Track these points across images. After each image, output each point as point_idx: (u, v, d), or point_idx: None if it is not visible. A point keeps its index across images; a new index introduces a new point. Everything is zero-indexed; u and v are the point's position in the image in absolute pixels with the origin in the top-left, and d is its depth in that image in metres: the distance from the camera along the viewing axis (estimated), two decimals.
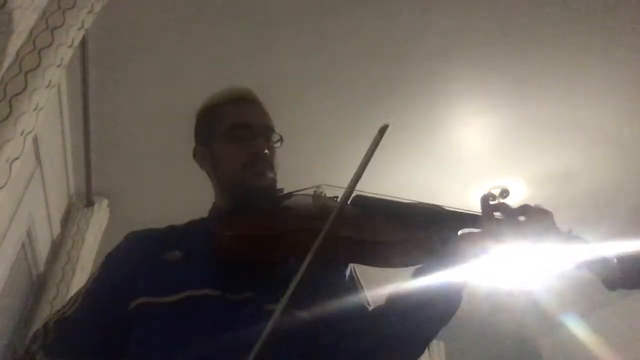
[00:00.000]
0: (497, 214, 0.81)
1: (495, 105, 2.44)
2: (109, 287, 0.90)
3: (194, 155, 1.05)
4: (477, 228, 0.83)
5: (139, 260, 0.90)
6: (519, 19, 2.04)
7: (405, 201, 0.91)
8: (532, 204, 0.81)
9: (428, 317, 0.80)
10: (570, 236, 0.81)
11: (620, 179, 2.90)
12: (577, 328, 4.30)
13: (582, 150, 2.70)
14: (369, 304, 0.92)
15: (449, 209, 0.88)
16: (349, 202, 0.91)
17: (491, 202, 0.81)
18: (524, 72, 2.27)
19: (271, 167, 0.97)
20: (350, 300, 0.90)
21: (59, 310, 0.89)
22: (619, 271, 0.77)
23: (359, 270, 0.98)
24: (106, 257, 0.97)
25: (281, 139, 1.01)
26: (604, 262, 0.78)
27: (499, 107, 2.45)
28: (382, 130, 0.85)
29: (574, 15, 2.02)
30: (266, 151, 0.96)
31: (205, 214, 1.03)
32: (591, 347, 4.10)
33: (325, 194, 0.98)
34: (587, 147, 2.68)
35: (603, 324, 3.98)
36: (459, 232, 0.84)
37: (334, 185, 0.92)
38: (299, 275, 0.66)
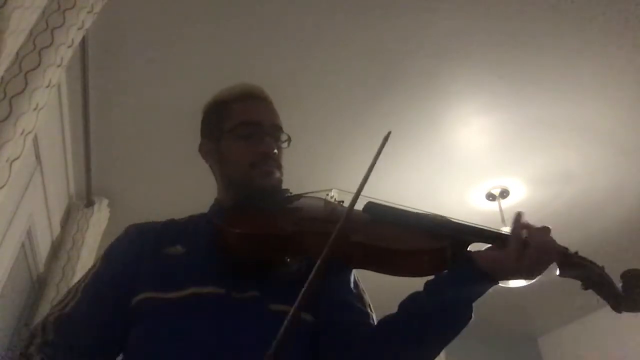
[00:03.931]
0: (524, 234, 0.79)
1: (495, 105, 2.44)
2: (110, 279, 0.88)
3: (200, 150, 1.04)
4: (488, 243, 0.83)
5: (140, 253, 0.89)
6: (518, 19, 2.04)
7: (418, 211, 0.91)
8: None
9: (436, 329, 0.79)
10: (575, 257, 0.81)
11: (620, 179, 2.90)
12: (577, 328, 4.30)
13: (582, 150, 2.70)
14: (371, 310, 0.92)
15: (462, 222, 0.87)
16: (362, 209, 0.91)
17: (521, 222, 0.80)
18: (524, 73, 2.27)
19: (278, 167, 0.96)
20: (353, 305, 0.90)
21: (57, 305, 0.87)
22: (624, 295, 0.77)
23: (365, 275, 0.97)
24: (106, 249, 0.95)
25: (289, 139, 1.01)
26: (609, 285, 0.79)
27: (499, 107, 2.46)
28: (386, 138, 0.85)
29: (574, 15, 2.02)
30: (275, 151, 0.95)
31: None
32: (590, 347, 4.10)
33: (335, 198, 0.97)
34: (587, 147, 2.68)
35: (602, 324, 3.98)
36: (469, 246, 0.83)
37: (345, 190, 0.91)
38: (310, 278, 0.67)
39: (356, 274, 0.97)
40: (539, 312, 4.15)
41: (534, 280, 0.86)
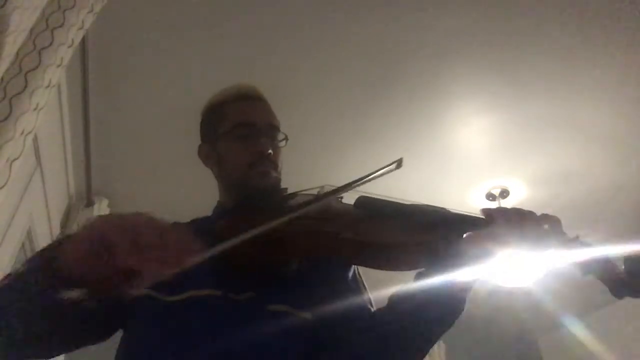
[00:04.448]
0: (505, 218, 0.79)
1: (495, 105, 2.44)
2: None
3: (199, 153, 1.04)
4: (482, 231, 0.82)
5: None
6: (519, 19, 2.04)
7: (410, 203, 0.90)
8: (537, 210, 0.80)
9: (428, 320, 0.79)
10: (577, 242, 0.80)
11: (620, 179, 2.90)
12: (577, 328, 4.30)
13: (582, 150, 2.70)
14: (371, 305, 0.91)
15: (454, 211, 0.87)
16: (353, 204, 0.91)
17: (500, 206, 0.80)
18: (524, 72, 2.28)
19: (275, 167, 0.96)
20: (352, 301, 0.89)
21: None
22: (626, 279, 0.76)
23: (362, 271, 0.97)
24: None
25: (286, 138, 1.01)
26: (611, 269, 0.76)
27: (499, 107, 2.46)
28: (399, 163, 0.86)
29: (574, 15, 2.02)
30: (270, 151, 0.95)
31: (206, 214, 1.03)
32: (591, 347, 4.10)
33: None
34: (587, 147, 2.68)
35: (603, 324, 3.99)
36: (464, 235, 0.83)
37: (338, 187, 0.91)
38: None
39: (357, 269, 0.96)
40: (539, 312, 4.14)
41: (534, 281, 0.86)
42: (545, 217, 0.78)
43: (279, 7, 1.99)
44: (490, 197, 2.97)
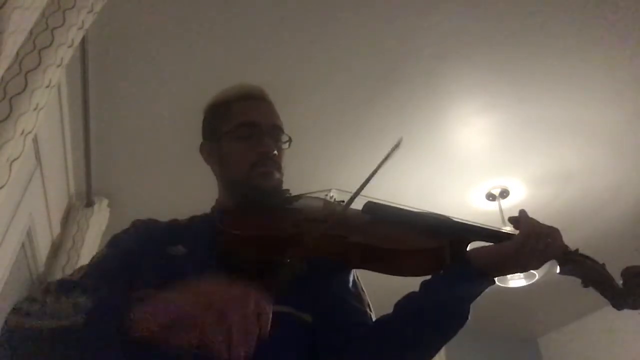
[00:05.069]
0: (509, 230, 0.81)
1: (495, 105, 2.44)
2: (119, 263, 0.86)
3: (201, 151, 1.04)
4: (487, 242, 0.83)
5: (146, 248, 0.88)
6: (519, 19, 2.04)
7: (418, 210, 0.91)
8: (537, 210, 0.81)
9: (430, 328, 0.79)
10: (577, 255, 0.81)
11: (620, 179, 2.90)
12: (577, 328, 4.30)
13: (582, 150, 2.70)
14: (370, 310, 0.91)
15: (461, 220, 0.87)
16: (361, 209, 0.91)
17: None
18: (524, 72, 2.28)
19: (278, 168, 0.96)
20: (353, 305, 0.89)
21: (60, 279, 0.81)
22: (624, 293, 0.78)
23: (365, 275, 0.97)
24: (113, 238, 0.93)
25: (290, 140, 1.00)
26: (610, 283, 0.79)
27: (499, 107, 2.46)
28: (396, 144, 0.86)
29: (574, 15, 2.02)
30: (275, 152, 0.95)
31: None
32: (590, 347, 4.10)
33: (335, 198, 0.97)
34: (587, 147, 2.68)
35: (602, 324, 3.99)
36: (469, 246, 0.84)
37: (344, 190, 0.91)
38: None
39: (356, 273, 0.97)
40: (539, 312, 4.15)
41: (534, 281, 0.87)
42: (549, 229, 0.79)
43: (279, 8, 1.99)
44: (490, 197, 2.97)
